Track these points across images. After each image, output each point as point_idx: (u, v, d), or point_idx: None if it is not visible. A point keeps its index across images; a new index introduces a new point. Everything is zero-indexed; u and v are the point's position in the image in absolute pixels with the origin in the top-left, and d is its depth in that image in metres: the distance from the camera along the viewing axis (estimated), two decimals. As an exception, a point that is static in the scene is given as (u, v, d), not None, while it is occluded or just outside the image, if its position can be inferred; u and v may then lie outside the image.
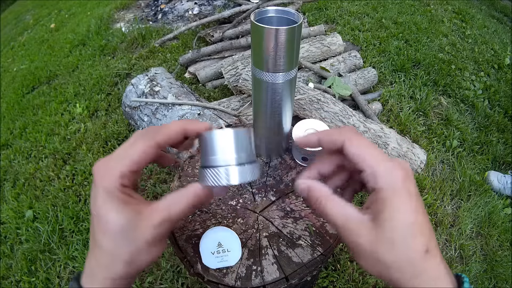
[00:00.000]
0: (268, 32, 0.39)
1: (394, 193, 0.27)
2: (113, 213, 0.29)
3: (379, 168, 0.28)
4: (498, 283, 1.23)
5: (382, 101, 1.84)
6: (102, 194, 0.29)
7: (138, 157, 0.31)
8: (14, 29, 4.19)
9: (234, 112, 1.37)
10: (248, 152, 0.34)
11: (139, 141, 0.31)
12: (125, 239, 0.29)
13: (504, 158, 1.69)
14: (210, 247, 0.39)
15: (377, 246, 0.27)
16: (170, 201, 0.32)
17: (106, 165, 0.30)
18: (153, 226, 0.30)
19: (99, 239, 0.30)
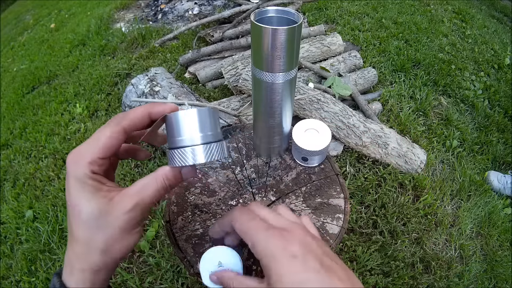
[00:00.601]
0: (268, 32, 0.39)
1: (274, 260, 0.28)
2: (85, 201, 0.29)
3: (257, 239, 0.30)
4: (498, 283, 1.23)
5: (382, 101, 1.84)
6: (73, 183, 0.29)
7: (105, 143, 0.31)
8: (14, 29, 4.19)
9: (234, 112, 1.37)
10: (213, 131, 0.34)
11: (106, 128, 0.31)
12: (99, 227, 0.29)
13: (504, 158, 1.69)
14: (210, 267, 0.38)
15: None
16: (141, 185, 0.32)
17: (76, 153, 0.30)
18: (125, 211, 0.30)
19: (74, 230, 0.29)
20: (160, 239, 1.26)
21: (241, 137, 0.70)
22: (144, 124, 0.34)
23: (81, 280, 0.30)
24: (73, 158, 0.30)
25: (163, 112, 0.34)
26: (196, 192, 0.60)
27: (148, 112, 0.33)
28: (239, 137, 0.70)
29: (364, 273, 1.16)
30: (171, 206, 0.57)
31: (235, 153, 0.66)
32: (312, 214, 0.56)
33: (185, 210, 0.56)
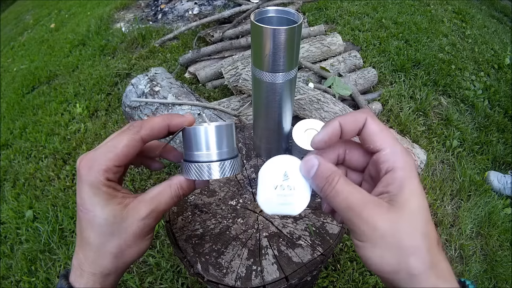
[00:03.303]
0: (268, 32, 0.39)
1: (410, 174, 0.26)
2: (99, 208, 0.29)
3: (397, 149, 0.27)
4: (498, 283, 1.23)
5: (382, 101, 1.84)
6: (87, 189, 0.29)
7: (122, 151, 0.31)
8: (14, 29, 4.19)
9: (234, 112, 1.37)
10: (229, 148, 0.35)
11: (123, 135, 0.31)
12: (112, 233, 0.30)
13: (504, 158, 1.69)
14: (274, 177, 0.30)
15: (397, 229, 0.25)
16: (156, 193, 0.33)
17: (90, 159, 0.30)
18: (140, 218, 0.31)
19: (86, 234, 0.30)
20: (160, 239, 1.26)
21: (241, 137, 0.70)
22: (162, 135, 0.34)
23: (91, 283, 0.30)
24: (87, 164, 0.30)
25: (181, 125, 0.34)
26: (196, 192, 0.60)
27: (167, 123, 0.33)
28: (239, 137, 0.70)
29: (364, 273, 1.16)
30: (171, 206, 0.57)
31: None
32: (312, 214, 0.56)
33: (185, 210, 0.56)
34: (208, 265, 0.48)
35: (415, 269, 0.24)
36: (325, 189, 0.28)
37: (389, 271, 0.25)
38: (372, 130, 0.28)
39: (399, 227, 0.25)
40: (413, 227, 0.25)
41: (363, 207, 0.26)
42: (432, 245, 0.25)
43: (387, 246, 0.25)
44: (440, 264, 0.25)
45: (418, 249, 0.25)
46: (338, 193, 0.27)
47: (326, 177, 0.28)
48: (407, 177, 0.26)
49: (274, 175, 0.31)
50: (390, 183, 0.26)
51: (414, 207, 0.25)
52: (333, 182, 0.27)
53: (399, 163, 0.27)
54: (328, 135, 0.29)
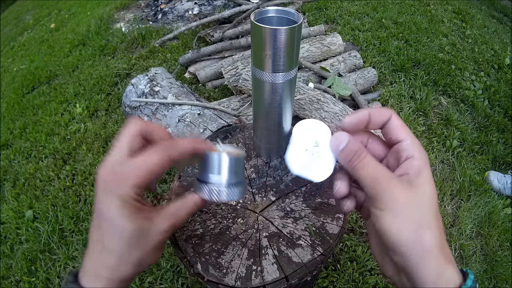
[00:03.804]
0: (268, 32, 0.39)
1: (426, 164, 0.30)
2: (127, 220, 0.31)
3: (415, 141, 0.32)
4: (498, 283, 1.23)
5: (382, 101, 1.84)
6: (116, 201, 0.31)
7: (152, 169, 0.33)
8: (14, 29, 4.19)
9: (234, 112, 1.37)
10: (238, 175, 0.40)
11: (154, 153, 0.33)
12: (136, 244, 0.32)
13: (504, 158, 1.69)
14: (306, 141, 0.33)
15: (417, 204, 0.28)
16: (175, 209, 0.36)
17: (120, 174, 0.32)
18: (161, 232, 0.34)
19: (109, 243, 0.31)
20: (160, 239, 1.26)
21: (241, 137, 0.70)
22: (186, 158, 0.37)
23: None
24: (117, 177, 0.31)
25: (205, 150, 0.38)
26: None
27: (194, 147, 0.36)
28: (239, 137, 0.70)
29: (364, 273, 1.16)
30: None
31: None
32: (312, 214, 0.56)
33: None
34: (208, 265, 0.48)
35: (429, 243, 0.27)
36: (353, 160, 0.31)
37: (405, 242, 0.27)
38: (396, 124, 0.33)
39: (418, 202, 0.28)
40: (428, 206, 0.28)
41: (388, 180, 0.29)
42: (441, 228, 0.28)
43: (405, 217, 0.28)
44: (446, 247, 0.28)
45: (433, 227, 0.27)
46: (366, 165, 0.30)
47: (356, 150, 0.32)
48: (423, 165, 0.30)
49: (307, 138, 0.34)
50: (409, 168, 0.30)
51: (427, 190, 0.29)
52: (362, 155, 0.31)
53: (417, 153, 0.31)
54: (358, 119, 0.33)
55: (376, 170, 0.30)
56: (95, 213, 0.32)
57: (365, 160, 0.31)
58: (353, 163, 0.31)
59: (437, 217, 0.28)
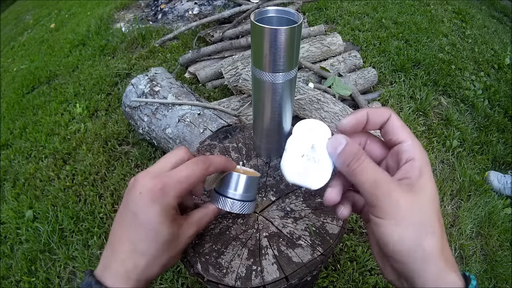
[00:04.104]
0: (268, 32, 0.39)
1: (427, 165, 0.30)
2: (165, 227, 0.34)
3: (416, 142, 0.31)
4: (498, 283, 1.23)
5: (382, 101, 1.84)
6: (159, 209, 0.33)
7: (194, 182, 0.37)
8: (14, 29, 4.19)
9: (234, 112, 1.37)
10: (251, 192, 0.47)
11: (196, 168, 0.37)
12: (169, 248, 0.35)
13: (504, 158, 1.69)
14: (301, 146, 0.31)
15: (418, 209, 0.27)
16: (198, 217, 0.41)
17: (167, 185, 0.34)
18: (188, 237, 0.38)
19: (143, 246, 0.33)
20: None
21: (241, 137, 0.70)
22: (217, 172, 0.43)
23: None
24: (163, 188, 0.34)
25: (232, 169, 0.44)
26: (196, 192, 0.60)
27: (225, 165, 0.42)
28: (239, 137, 0.70)
29: (364, 273, 1.16)
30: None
31: (235, 153, 0.66)
32: (312, 214, 0.56)
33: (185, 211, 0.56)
34: (208, 265, 0.48)
35: (430, 248, 0.26)
36: (352, 164, 0.30)
37: (406, 248, 0.26)
38: (396, 125, 0.32)
39: (420, 207, 0.27)
40: (431, 210, 0.28)
41: (388, 184, 0.28)
42: (443, 230, 0.28)
43: (408, 223, 0.27)
44: (447, 250, 0.27)
45: (435, 231, 0.27)
46: (365, 169, 0.29)
47: (355, 153, 0.30)
48: (424, 167, 0.29)
49: (302, 143, 0.33)
50: (410, 171, 0.29)
51: (429, 192, 0.28)
52: (361, 159, 0.30)
53: (418, 154, 0.30)
54: (356, 119, 0.32)
55: (376, 174, 0.29)
56: (128, 216, 0.34)
57: (364, 163, 0.29)
58: (351, 167, 0.30)
59: (439, 219, 0.28)
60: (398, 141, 0.31)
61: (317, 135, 0.33)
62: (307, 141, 0.33)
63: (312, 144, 0.33)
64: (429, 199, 0.28)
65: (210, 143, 0.69)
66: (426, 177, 0.29)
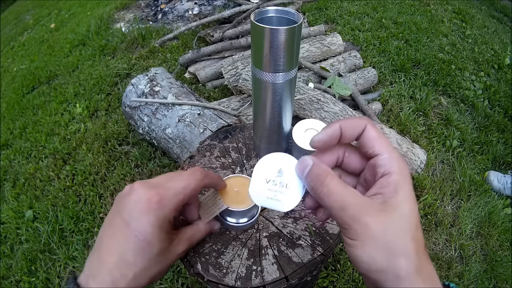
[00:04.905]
0: (268, 32, 0.39)
1: (405, 179, 0.28)
2: (157, 240, 0.33)
3: (393, 154, 0.29)
4: (498, 283, 1.23)
5: (382, 101, 1.84)
6: (155, 221, 0.33)
7: (190, 194, 0.37)
8: (14, 29, 4.19)
9: (234, 112, 1.37)
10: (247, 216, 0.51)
11: (192, 181, 0.37)
12: (159, 261, 0.35)
13: (504, 158, 1.69)
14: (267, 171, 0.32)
15: (388, 230, 0.25)
16: (191, 234, 0.41)
17: (164, 197, 0.34)
18: (178, 253, 0.38)
19: (133, 257, 0.32)
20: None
21: (241, 137, 0.70)
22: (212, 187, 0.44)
23: None
24: (160, 200, 0.34)
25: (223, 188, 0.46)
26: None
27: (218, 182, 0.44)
28: (239, 137, 0.70)
29: (364, 273, 1.16)
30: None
31: (235, 153, 0.66)
32: (312, 214, 0.56)
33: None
34: (208, 265, 0.48)
35: (403, 270, 0.25)
36: (317, 188, 0.29)
37: (377, 270, 0.25)
38: (371, 136, 0.30)
39: (391, 228, 0.25)
40: (404, 229, 0.26)
41: (357, 207, 0.26)
42: (420, 248, 0.26)
43: (378, 246, 0.25)
44: (426, 267, 0.26)
45: (408, 251, 0.25)
46: (331, 192, 0.28)
47: (319, 176, 0.29)
48: (401, 181, 0.27)
49: (269, 169, 0.33)
50: (385, 186, 0.27)
51: (406, 210, 0.26)
52: (326, 181, 0.28)
53: (395, 168, 0.28)
54: (328, 136, 0.31)
55: (343, 196, 0.27)
56: (118, 223, 0.33)
57: (331, 186, 0.28)
58: (317, 191, 0.29)
59: (416, 238, 0.26)
60: (374, 154, 0.29)
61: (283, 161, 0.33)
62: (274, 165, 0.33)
63: (280, 168, 0.33)
64: (405, 217, 0.26)
65: (210, 143, 0.69)
66: (403, 193, 0.27)
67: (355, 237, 0.26)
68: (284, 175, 0.32)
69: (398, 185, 0.27)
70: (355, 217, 0.26)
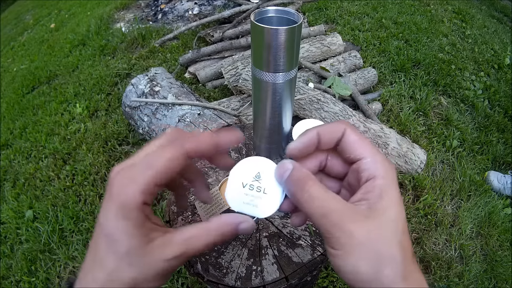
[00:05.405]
0: (268, 32, 0.39)
1: (391, 183, 0.26)
2: (123, 234, 0.26)
3: (377, 157, 0.27)
4: (498, 283, 1.23)
5: (382, 101, 1.84)
6: (116, 210, 0.26)
7: (164, 167, 0.26)
8: (14, 29, 4.19)
9: (234, 112, 1.37)
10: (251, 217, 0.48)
11: (166, 149, 0.27)
12: (131, 264, 0.26)
13: (504, 158, 1.69)
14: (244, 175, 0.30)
15: (373, 238, 0.24)
16: (189, 235, 0.28)
17: (127, 177, 0.26)
18: (165, 259, 0.27)
19: (101, 257, 0.27)
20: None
21: (241, 137, 0.70)
22: (209, 152, 0.30)
23: None
24: (123, 182, 0.26)
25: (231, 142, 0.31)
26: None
27: (216, 142, 0.30)
28: (239, 137, 0.70)
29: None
30: (171, 206, 0.57)
31: (235, 153, 0.66)
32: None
33: (185, 210, 0.56)
34: (208, 265, 0.48)
35: (389, 279, 0.24)
36: (297, 193, 0.27)
37: (362, 280, 0.24)
38: (352, 140, 0.28)
39: (377, 235, 0.24)
40: (390, 236, 0.24)
41: (339, 213, 0.25)
42: (407, 256, 0.25)
43: (362, 254, 0.24)
44: (413, 275, 0.25)
45: (394, 259, 0.24)
46: (312, 198, 0.26)
47: (299, 181, 0.27)
48: (387, 185, 0.26)
49: (246, 173, 0.31)
50: (370, 191, 0.26)
51: (392, 216, 0.25)
52: (306, 187, 0.26)
53: (380, 172, 0.26)
54: (303, 144, 0.29)
55: (326, 203, 0.25)
56: (96, 223, 0.27)
57: (312, 192, 0.26)
58: (297, 197, 0.27)
59: (403, 245, 0.25)
60: (357, 158, 0.28)
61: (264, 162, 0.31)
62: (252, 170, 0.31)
63: (258, 172, 0.31)
64: (391, 223, 0.25)
65: (210, 143, 0.69)
66: (388, 198, 0.25)
67: (338, 247, 0.25)
68: (262, 180, 0.31)
69: (383, 189, 0.26)
70: (338, 224, 0.25)
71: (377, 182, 0.26)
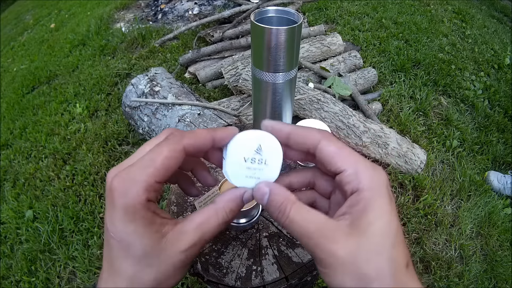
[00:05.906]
0: (268, 32, 0.39)
1: (378, 194, 0.25)
2: (135, 237, 0.25)
3: (360, 167, 0.26)
4: (498, 283, 1.23)
5: (382, 101, 1.84)
6: (122, 214, 0.25)
7: (163, 164, 0.26)
8: (14, 29, 4.19)
9: (234, 112, 1.37)
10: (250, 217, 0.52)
11: (163, 146, 0.27)
12: (149, 264, 0.26)
13: (504, 158, 1.69)
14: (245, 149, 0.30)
15: (358, 255, 0.23)
16: (200, 221, 0.28)
17: (126, 178, 0.25)
18: (181, 250, 0.27)
19: (118, 264, 0.26)
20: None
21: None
22: (206, 147, 0.30)
23: None
24: (123, 183, 0.25)
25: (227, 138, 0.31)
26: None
27: (212, 134, 0.30)
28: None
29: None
30: (171, 206, 0.57)
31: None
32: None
33: (185, 210, 0.56)
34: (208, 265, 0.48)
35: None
36: (279, 219, 0.26)
37: None
38: (329, 152, 0.27)
39: (360, 253, 0.23)
40: (376, 251, 0.23)
41: (320, 234, 0.24)
42: (398, 269, 0.24)
43: (347, 273, 0.23)
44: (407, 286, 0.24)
45: (381, 275, 0.23)
46: (292, 221, 0.25)
47: (278, 206, 0.26)
48: (373, 197, 0.25)
49: (246, 147, 0.30)
50: (354, 205, 0.25)
51: (378, 230, 0.24)
52: (286, 211, 0.26)
53: (363, 183, 0.25)
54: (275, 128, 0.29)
55: (306, 224, 0.25)
56: (104, 230, 0.27)
57: (291, 215, 0.25)
58: (279, 221, 0.26)
59: (393, 258, 0.23)
60: (339, 171, 0.26)
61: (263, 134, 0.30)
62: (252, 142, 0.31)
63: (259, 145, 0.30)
64: (377, 237, 0.24)
65: (210, 143, 0.69)
66: (374, 211, 0.24)
67: (323, 266, 0.24)
68: (263, 152, 0.30)
69: (368, 203, 0.24)
70: (319, 245, 0.24)
71: (362, 195, 0.25)
